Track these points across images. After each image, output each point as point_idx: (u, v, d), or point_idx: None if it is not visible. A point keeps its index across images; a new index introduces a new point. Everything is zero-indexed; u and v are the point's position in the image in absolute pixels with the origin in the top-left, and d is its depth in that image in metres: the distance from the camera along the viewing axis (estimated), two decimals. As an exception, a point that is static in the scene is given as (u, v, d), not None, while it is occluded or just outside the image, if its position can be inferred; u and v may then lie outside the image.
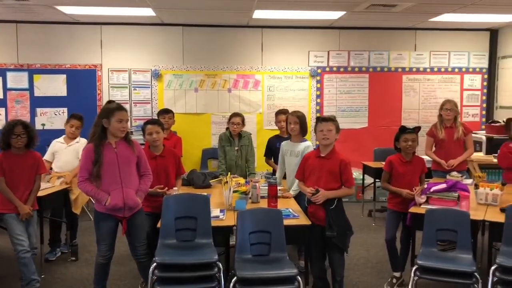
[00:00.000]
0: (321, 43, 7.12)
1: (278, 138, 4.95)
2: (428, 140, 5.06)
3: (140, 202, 3.34)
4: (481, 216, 3.51)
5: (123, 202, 3.22)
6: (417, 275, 3.23)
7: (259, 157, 6.62)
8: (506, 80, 7.05)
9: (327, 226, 3.38)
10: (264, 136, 6.52)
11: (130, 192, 3.27)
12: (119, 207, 3.23)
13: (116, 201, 3.22)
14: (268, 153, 5.08)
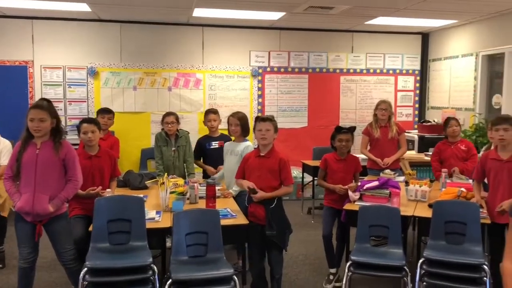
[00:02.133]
0: (262, 43, 7.17)
1: (208, 138, 4.91)
2: (363, 139, 5.22)
3: (51, 210, 3.11)
4: (411, 212, 3.66)
5: (30, 207, 3.06)
6: (351, 271, 3.31)
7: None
8: (437, 82, 7.43)
9: (267, 225, 3.41)
10: (206, 135, 6.48)
11: (41, 198, 3.08)
12: (25, 211, 3.07)
13: (23, 204, 3.06)
14: (197, 154, 4.96)
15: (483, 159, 3.68)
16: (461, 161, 4.61)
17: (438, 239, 3.38)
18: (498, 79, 6.21)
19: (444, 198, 3.70)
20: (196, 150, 4.96)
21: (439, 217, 3.42)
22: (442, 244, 3.35)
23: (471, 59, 6.53)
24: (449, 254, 3.18)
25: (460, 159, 4.61)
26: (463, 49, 6.73)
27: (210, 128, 4.93)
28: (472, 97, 6.52)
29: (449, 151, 4.67)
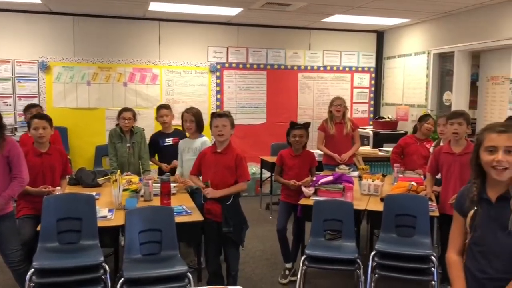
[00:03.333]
0: (220, 39, 7.13)
1: (161, 135, 4.84)
2: (319, 135, 5.29)
3: None
4: (364, 206, 3.74)
5: None
6: (306, 265, 3.35)
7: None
8: (391, 79, 7.63)
9: (223, 222, 3.40)
10: (163, 132, 6.39)
11: None
12: None
13: None
14: (151, 151, 4.86)
15: (436, 153, 3.80)
16: (424, 159, 4.60)
17: (389, 232, 3.48)
18: (449, 77, 6.44)
19: (395, 192, 3.81)
20: (150, 146, 4.86)
21: (390, 211, 3.51)
22: (393, 237, 3.45)
23: (423, 57, 6.74)
24: (400, 246, 3.28)
25: (423, 157, 4.64)
26: (416, 47, 6.93)
27: (163, 124, 4.85)
28: (424, 94, 6.74)
29: (414, 147, 4.73)
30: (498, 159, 1.80)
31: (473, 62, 6.18)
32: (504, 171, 1.81)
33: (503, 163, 1.80)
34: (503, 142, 1.81)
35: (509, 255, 1.83)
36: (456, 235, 2.02)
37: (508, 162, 1.80)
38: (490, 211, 1.88)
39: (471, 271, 1.94)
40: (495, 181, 1.86)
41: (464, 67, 6.11)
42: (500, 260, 1.85)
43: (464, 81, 6.14)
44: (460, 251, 2.00)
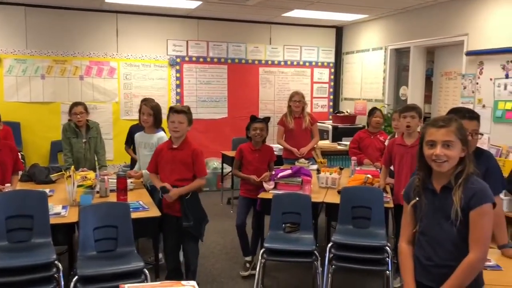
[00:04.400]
0: (180, 32, 7.05)
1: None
2: (279, 130, 5.32)
3: None
4: (321, 198, 3.79)
5: None
6: (264, 257, 3.37)
7: (117, 148, 6.36)
8: (349, 74, 7.76)
9: (183, 217, 3.38)
10: (121, 126, 6.29)
11: None
12: None
13: None
14: (129, 141, 4.79)
15: (390, 146, 3.91)
16: (379, 151, 4.75)
17: (346, 224, 3.55)
18: (405, 72, 6.62)
19: (351, 184, 3.89)
20: (128, 137, 4.77)
21: (346, 203, 3.58)
22: (349, 228, 3.52)
23: (381, 53, 6.89)
24: (355, 238, 3.35)
25: (378, 150, 4.77)
26: (374, 43, 7.08)
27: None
28: (382, 88, 6.90)
29: (368, 140, 4.85)
30: (436, 154, 1.87)
31: (428, 57, 6.37)
32: (443, 164, 1.88)
33: (441, 157, 1.87)
34: (441, 137, 1.88)
35: (452, 243, 1.91)
36: (406, 224, 2.09)
37: (446, 156, 1.87)
38: (434, 201, 1.95)
39: (418, 259, 2.01)
40: (439, 173, 1.93)
41: (419, 63, 6.29)
42: (443, 247, 1.93)
43: (419, 76, 6.33)
44: (410, 240, 2.07)
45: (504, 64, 4.77)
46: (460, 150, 1.89)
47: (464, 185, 1.87)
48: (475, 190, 1.86)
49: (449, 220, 1.89)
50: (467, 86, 5.26)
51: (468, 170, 1.90)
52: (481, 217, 1.85)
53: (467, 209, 1.86)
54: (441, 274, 1.92)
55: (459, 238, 1.89)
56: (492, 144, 4.81)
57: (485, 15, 5.03)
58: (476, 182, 1.89)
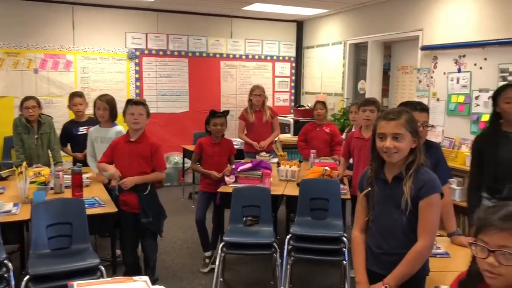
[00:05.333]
0: (138, 24, 6.91)
1: (74, 123, 4.61)
2: (240, 124, 5.33)
3: None
4: (281, 191, 3.83)
5: None
6: (224, 251, 3.38)
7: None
8: (310, 68, 7.84)
9: (141, 213, 3.34)
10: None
11: None
12: None
13: None
14: (64, 141, 4.63)
15: (349, 139, 3.99)
16: (325, 143, 4.89)
17: (304, 216, 3.60)
18: (363, 66, 6.74)
19: (310, 177, 3.94)
20: (63, 136, 4.61)
21: (305, 195, 3.62)
22: (308, 220, 3.57)
23: (340, 47, 6.99)
24: (313, 229, 3.40)
25: (324, 141, 4.91)
26: (333, 37, 7.17)
27: (76, 113, 4.61)
28: (341, 83, 7.00)
29: (314, 132, 4.97)
30: (386, 146, 1.93)
31: (385, 52, 6.51)
32: (393, 155, 1.94)
33: (391, 149, 1.92)
34: (391, 130, 1.93)
35: (401, 231, 1.97)
36: (359, 213, 2.15)
37: (396, 148, 1.92)
38: (386, 191, 2.01)
39: (369, 247, 2.07)
40: (391, 163, 1.98)
41: (377, 57, 6.42)
42: (393, 236, 1.99)
43: (377, 70, 6.46)
44: (362, 228, 2.13)
45: (457, 58, 4.93)
46: (410, 141, 1.95)
47: (415, 175, 1.93)
48: (425, 180, 1.92)
49: (399, 209, 1.94)
50: (422, 80, 5.41)
51: (419, 161, 1.96)
52: (430, 207, 1.91)
53: (417, 199, 1.92)
54: (391, 261, 1.97)
55: (408, 227, 1.95)
56: (446, 136, 4.98)
57: (439, 10, 5.18)
58: (425, 173, 1.95)
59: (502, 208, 1.32)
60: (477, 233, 1.34)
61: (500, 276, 1.28)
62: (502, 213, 1.30)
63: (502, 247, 1.27)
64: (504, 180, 2.67)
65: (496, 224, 1.29)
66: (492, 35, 4.50)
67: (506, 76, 4.37)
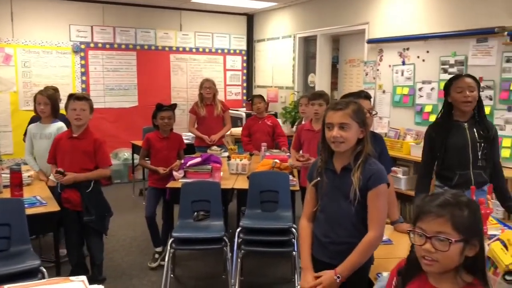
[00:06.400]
0: (83, 17, 6.67)
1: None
2: (190, 118, 5.26)
3: None
4: (231, 184, 3.82)
5: None
6: (173, 247, 3.32)
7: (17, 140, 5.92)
8: (261, 62, 7.85)
9: (84, 211, 3.24)
10: (21, 118, 5.84)
11: None
12: None
13: None
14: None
15: (299, 131, 4.03)
16: (267, 135, 4.97)
17: (254, 208, 3.60)
18: (313, 60, 6.82)
19: (260, 169, 3.95)
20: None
21: (254, 188, 3.63)
22: (258, 213, 3.57)
23: (290, 41, 7.04)
24: (263, 221, 3.41)
25: (266, 133, 4.98)
26: (283, 31, 7.21)
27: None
28: (291, 76, 7.06)
29: (256, 126, 5.02)
30: (333, 135, 1.95)
31: (333, 45, 6.61)
32: (340, 144, 1.96)
33: (338, 138, 1.95)
34: (337, 119, 1.96)
35: (348, 221, 2.00)
36: (308, 203, 2.17)
37: (343, 137, 1.95)
38: (334, 181, 2.03)
39: (317, 236, 2.09)
40: (340, 154, 2.01)
41: (325, 51, 6.51)
42: (341, 225, 2.02)
43: (326, 63, 6.55)
44: (310, 217, 2.16)
45: (401, 51, 5.08)
46: (358, 131, 1.98)
47: (363, 166, 1.97)
48: (373, 171, 1.96)
49: (347, 199, 1.97)
50: (368, 72, 5.54)
51: (366, 151, 1.99)
52: (378, 197, 1.95)
53: (365, 189, 1.95)
54: (338, 251, 2.00)
55: (356, 217, 1.99)
56: (392, 127, 5.13)
57: (384, 4, 5.31)
58: (373, 164, 1.99)
59: (440, 196, 1.37)
60: (416, 221, 1.38)
61: (436, 263, 1.32)
62: (439, 201, 1.35)
63: (438, 233, 1.31)
64: (454, 168, 2.76)
65: (433, 210, 1.33)
66: (433, 29, 4.66)
67: (446, 68, 4.54)
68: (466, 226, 1.31)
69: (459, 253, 1.31)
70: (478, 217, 1.35)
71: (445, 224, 1.31)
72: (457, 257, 1.32)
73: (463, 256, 1.32)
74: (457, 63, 4.43)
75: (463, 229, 1.30)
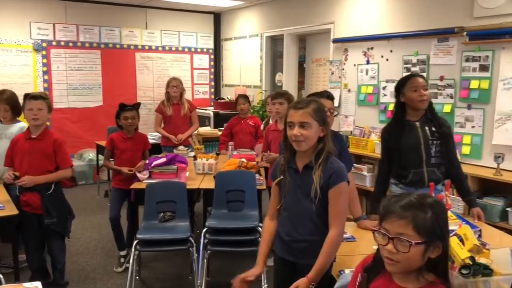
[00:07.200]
0: (44, 14, 6.48)
1: None
2: (157, 117, 5.19)
3: None
4: (197, 184, 3.78)
5: None
6: (138, 249, 3.27)
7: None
8: (229, 61, 7.82)
9: (44, 213, 3.15)
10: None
11: None
12: None
13: None
14: None
15: (267, 132, 4.05)
16: (250, 135, 4.93)
17: (221, 208, 3.58)
18: (280, 59, 6.84)
19: (227, 169, 3.92)
20: None
21: (221, 187, 3.61)
22: (224, 212, 3.55)
23: (257, 40, 7.04)
24: (229, 221, 3.40)
25: (249, 133, 4.93)
26: (250, 30, 7.20)
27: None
28: (259, 75, 7.06)
29: (238, 126, 4.96)
30: (293, 134, 1.96)
31: (300, 45, 6.65)
32: (301, 143, 1.97)
33: (298, 137, 1.96)
34: (298, 118, 1.97)
35: (310, 219, 2.01)
36: (272, 202, 2.18)
37: (303, 136, 1.96)
38: (297, 180, 2.04)
39: (280, 235, 2.10)
40: (301, 152, 2.02)
41: (292, 50, 6.54)
42: (302, 223, 2.03)
43: (293, 63, 6.59)
44: (274, 216, 2.17)
45: (365, 51, 5.15)
46: (318, 130, 1.99)
47: (324, 165, 1.98)
48: (334, 169, 1.97)
49: (309, 197, 1.98)
50: (334, 72, 5.60)
51: (327, 150, 2.00)
52: (339, 195, 1.97)
53: (326, 187, 1.96)
54: (300, 248, 2.02)
55: (317, 215, 2.00)
56: (357, 125, 5.20)
57: (349, 4, 5.37)
58: (334, 162, 2.00)
59: (405, 197, 1.37)
60: (381, 221, 1.39)
61: (398, 263, 1.33)
62: (403, 202, 1.35)
63: (400, 234, 1.32)
64: (409, 166, 2.82)
65: (396, 212, 1.34)
66: (396, 29, 4.75)
67: (409, 67, 4.64)
68: (428, 228, 1.31)
69: (420, 254, 1.32)
70: (442, 219, 1.35)
71: (407, 226, 1.31)
72: (419, 259, 1.32)
73: (425, 258, 1.33)
74: (419, 62, 4.53)
75: (425, 232, 1.30)
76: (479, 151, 4.02)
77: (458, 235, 1.83)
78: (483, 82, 3.95)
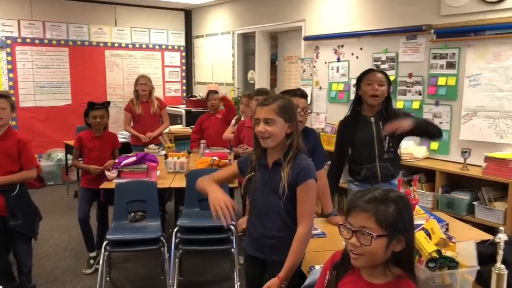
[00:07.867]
0: (8, 10, 6.29)
1: None
2: (126, 116, 5.10)
3: None
4: (168, 184, 3.73)
5: None
6: (108, 250, 3.20)
7: None
8: (201, 58, 7.77)
9: (9, 215, 3.05)
10: None
11: None
12: None
13: None
14: None
15: (240, 127, 4.02)
16: (220, 131, 4.82)
17: (192, 207, 3.55)
18: (252, 56, 6.82)
19: (198, 167, 3.89)
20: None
21: (192, 186, 3.52)
22: (196, 211, 3.52)
23: (229, 37, 7.01)
24: (201, 220, 3.35)
25: (218, 129, 4.84)
26: (222, 27, 7.16)
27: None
28: (231, 72, 7.03)
29: (208, 122, 4.93)
30: (258, 130, 1.96)
31: (272, 42, 6.65)
32: (267, 139, 1.97)
33: (263, 133, 1.95)
34: (263, 115, 1.97)
35: (278, 215, 2.01)
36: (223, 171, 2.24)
37: (268, 132, 1.96)
38: (266, 176, 2.04)
39: (249, 231, 2.09)
40: (272, 149, 2.01)
41: (264, 48, 6.54)
42: (270, 219, 2.03)
43: (265, 60, 6.58)
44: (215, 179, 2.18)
45: (336, 48, 5.19)
46: (284, 127, 1.98)
47: (293, 162, 1.98)
48: (302, 166, 1.97)
49: (277, 194, 1.98)
50: (306, 69, 5.62)
51: (295, 146, 2.00)
52: (307, 192, 1.97)
53: (294, 184, 1.96)
54: (269, 245, 2.02)
55: (285, 211, 2.00)
56: (328, 122, 5.24)
57: (319, 2, 5.40)
58: (303, 159, 2.01)
59: (370, 192, 1.39)
60: (347, 215, 1.40)
61: (362, 256, 1.34)
62: (367, 196, 1.37)
63: (362, 227, 1.33)
64: (362, 162, 2.84)
65: (360, 205, 1.35)
66: (366, 26, 4.80)
67: (379, 64, 4.69)
68: (390, 222, 1.32)
69: (383, 248, 1.33)
70: (405, 213, 1.36)
71: (369, 219, 1.33)
72: (382, 252, 1.33)
73: (389, 251, 1.34)
74: (389, 59, 4.59)
75: (387, 225, 1.32)
76: (447, 147, 4.11)
77: (425, 229, 1.86)
78: (450, 79, 4.03)
